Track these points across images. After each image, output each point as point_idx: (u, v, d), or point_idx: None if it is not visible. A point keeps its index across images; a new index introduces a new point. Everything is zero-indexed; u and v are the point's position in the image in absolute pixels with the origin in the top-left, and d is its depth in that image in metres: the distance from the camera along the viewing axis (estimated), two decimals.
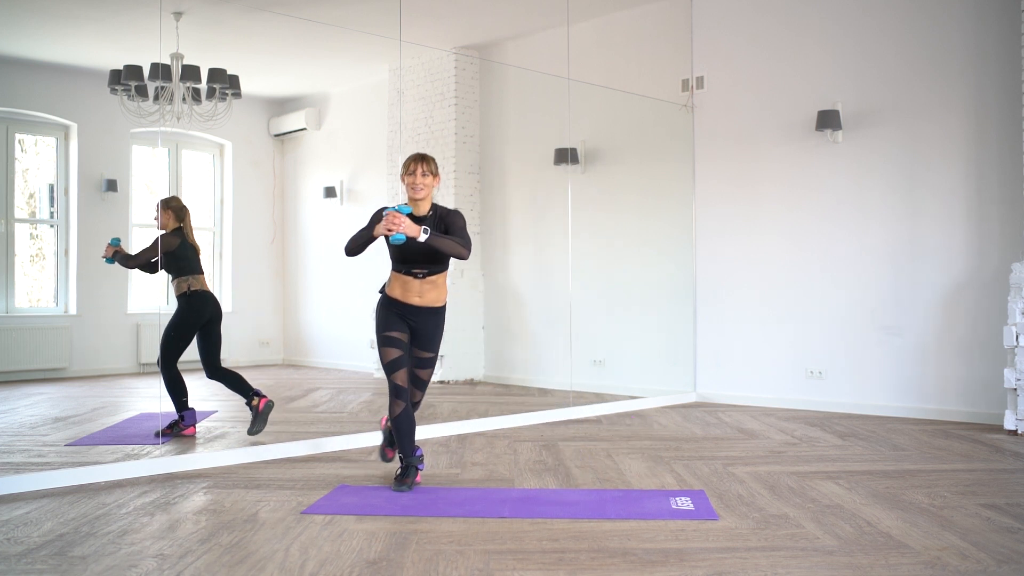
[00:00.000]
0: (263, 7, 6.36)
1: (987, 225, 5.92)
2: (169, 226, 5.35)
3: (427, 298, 4.09)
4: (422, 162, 4.06)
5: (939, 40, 6.14)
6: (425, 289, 4.08)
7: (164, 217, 5.34)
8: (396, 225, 3.81)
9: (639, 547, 3.08)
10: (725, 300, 7.17)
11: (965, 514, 3.50)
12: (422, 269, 4.05)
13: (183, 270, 5.34)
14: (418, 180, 4.03)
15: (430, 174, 4.06)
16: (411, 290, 4.07)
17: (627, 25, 7.75)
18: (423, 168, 4.04)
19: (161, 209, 5.35)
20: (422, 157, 4.09)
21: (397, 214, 3.83)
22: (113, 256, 5.29)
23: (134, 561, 2.94)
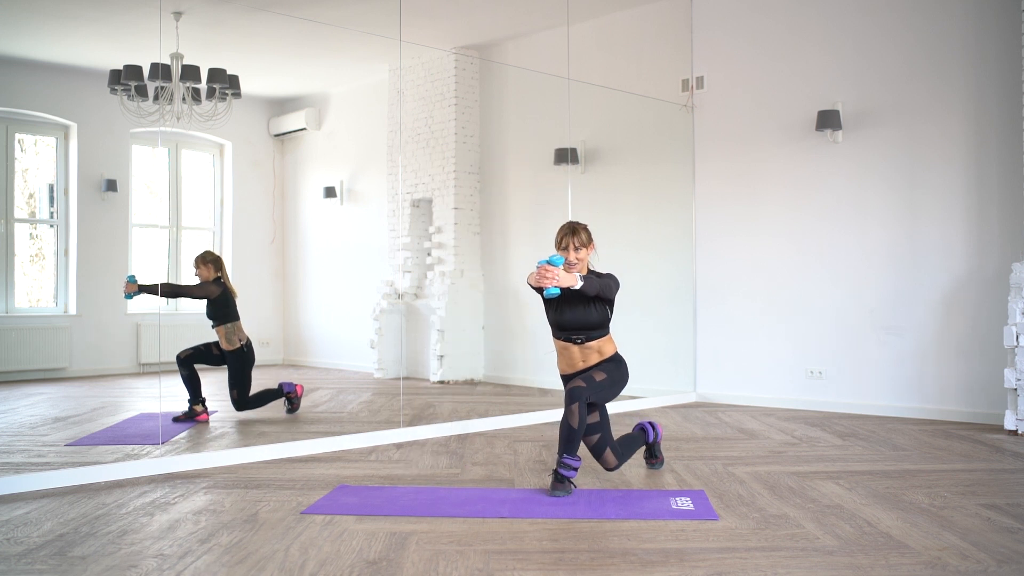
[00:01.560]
0: (263, 7, 6.35)
1: (987, 225, 5.92)
2: (210, 278, 5.92)
3: (590, 360, 4.10)
4: (573, 236, 3.99)
5: (939, 40, 6.14)
6: (587, 355, 4.09)
7: (204, 271, 5.92)
8: (548, 280, 3.71)
9: (639, 547, 3.08)
10: (725, 300, 7.17)
11: (965, 514, 3.50)
12: (580, 335, 4.04)
13: (229, 316, 5.92)
14: (571, 256, 3.98)
15: (583, 247, 4.00)
16: (575, 357, 4.10)
17: (627, 25, 7.75)
18: (575, 242, 3.99)
19: (200, 264, 5.92)
20: (572, 230, 4.00)
21: (549, 267, 3.71)
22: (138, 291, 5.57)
23: (134, 561, 2.94)
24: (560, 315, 4.04)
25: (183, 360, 5.83)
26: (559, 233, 4.04)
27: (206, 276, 5.91)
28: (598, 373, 4.02)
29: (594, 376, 3.99)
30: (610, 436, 4.12)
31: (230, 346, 5.92)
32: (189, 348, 5.88)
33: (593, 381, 3.96)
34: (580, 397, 3.89)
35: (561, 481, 3.88)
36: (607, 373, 4.04)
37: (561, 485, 3.87)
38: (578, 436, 3.90)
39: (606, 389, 4.02)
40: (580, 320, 4.02)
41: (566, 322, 4.04)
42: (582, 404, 3.89)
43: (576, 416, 3.88)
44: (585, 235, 4.02)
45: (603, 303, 4.06)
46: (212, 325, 5.93)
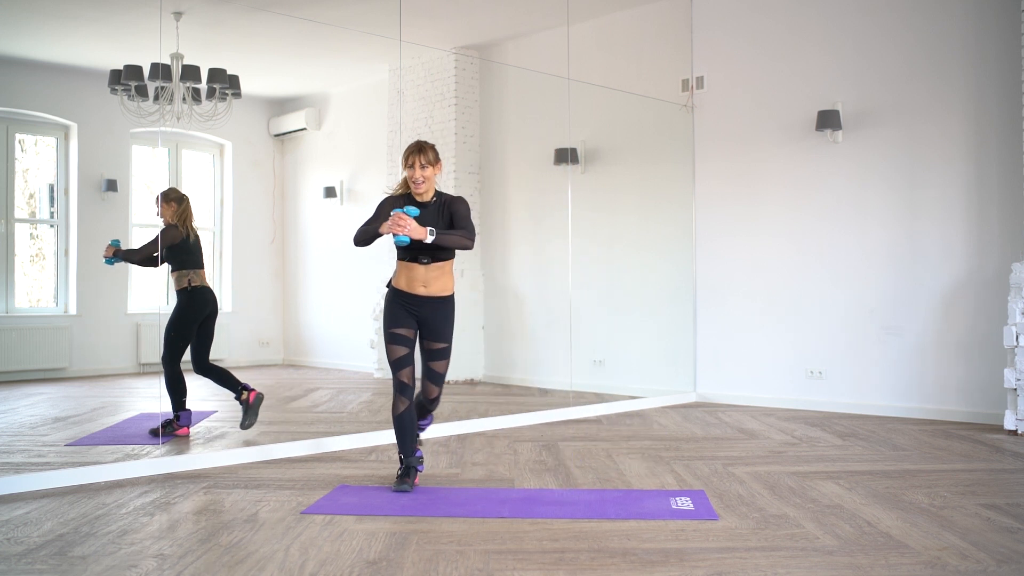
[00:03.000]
0: (263, 7, 6.36)
1: (987, 225, 5.92)
2: (170, 218, 5.32)
3: (433, 287, 4.04)
4: (420, 154, 3.98)
5: (939, 40, 6.14)
6: (431, 277, 4.03)
7: (165, 209, 5.31)
8: (401, 227, 3.80)
9: (639, 547, 3.08)
10: (725, 300, 7.17)
11: (965, 514, 3.50)
12: (427, 256, 4.01)
13: (185, 263, 5.31)
14: (417, 173, 3.98)
15: (429, 165, 3.99)
16: (416, 278, 4.03)
17: (627, 25, 7.75)
18: (422, 160, 3.97)
19: (161, 202, 5.31)
20: (419, 148, 4.00)
21: (403, 216, 3.82)
22: (114, 256, 5.26)
23: (134, 561, 2.94)
24: None
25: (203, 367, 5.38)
26: (406, 151, 4.02)
27: (166, 216, 5.31)
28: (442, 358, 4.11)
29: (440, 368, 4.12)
30: None
31: (177, 287, 5.31)
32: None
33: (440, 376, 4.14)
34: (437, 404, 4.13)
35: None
36: (449, 343, 4.12)
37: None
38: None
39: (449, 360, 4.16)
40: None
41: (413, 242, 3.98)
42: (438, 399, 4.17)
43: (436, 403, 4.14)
44: (432, 154, 4.01)
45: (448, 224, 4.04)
46: (170, 271, 5.36)
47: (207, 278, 5.46)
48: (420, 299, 4.05)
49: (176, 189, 5.47)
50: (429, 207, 4.03)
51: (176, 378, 5.30)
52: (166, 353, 5.27)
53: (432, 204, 4.05)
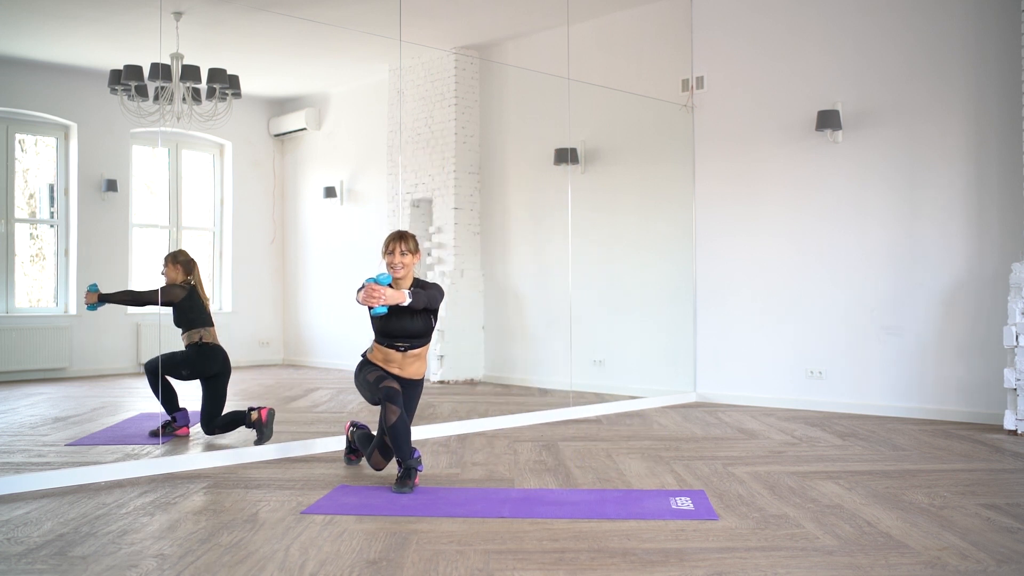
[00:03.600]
0: (263, 7, 6.36)
1: (987, 225, 5.92)
2: (177, 280, 5.18)
3: (408, 371, 4.29)
4: (400, 241, 4.17)
5: (939, 40, 6.14)
6: (407, 362, 4.27)
7: (171, 271, 5.18)
8: (375, 299, 3.89)
9: (639, 547, 3.08)
10: (725, 300, 7.17)
11: (965, 514, 3.50)
12: (404, 343, 4.21)
13: (194, 323, 5.14)
14: (396, 259, 4.17)
15: (409, 253, 4.18)
16: (393, 361, 4.25)
17: (627, 25, 7.75)
18: (402, 247, 4.16)
19: (168, 263, 5.19)
20: (400, 236, 4.21)
21: (376, 286, 3.89)
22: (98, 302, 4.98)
23: (134, 561, 2.94)
24: (385, 323, 4.20)
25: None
26: (387, 240, 4.22)
27: (173, 278, 5.19)
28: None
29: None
30: None
31: (188, 341, 5.14)
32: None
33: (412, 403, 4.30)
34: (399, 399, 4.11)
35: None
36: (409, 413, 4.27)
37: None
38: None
39: None
40: (406, 329, 4.18)
41: (391, 330, 4.20)
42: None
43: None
44: (413, 243, 4.22)
45: (427, 313, 4.22)
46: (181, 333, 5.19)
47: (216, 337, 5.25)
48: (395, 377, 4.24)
49: (185, 252, 5.29)
50: None
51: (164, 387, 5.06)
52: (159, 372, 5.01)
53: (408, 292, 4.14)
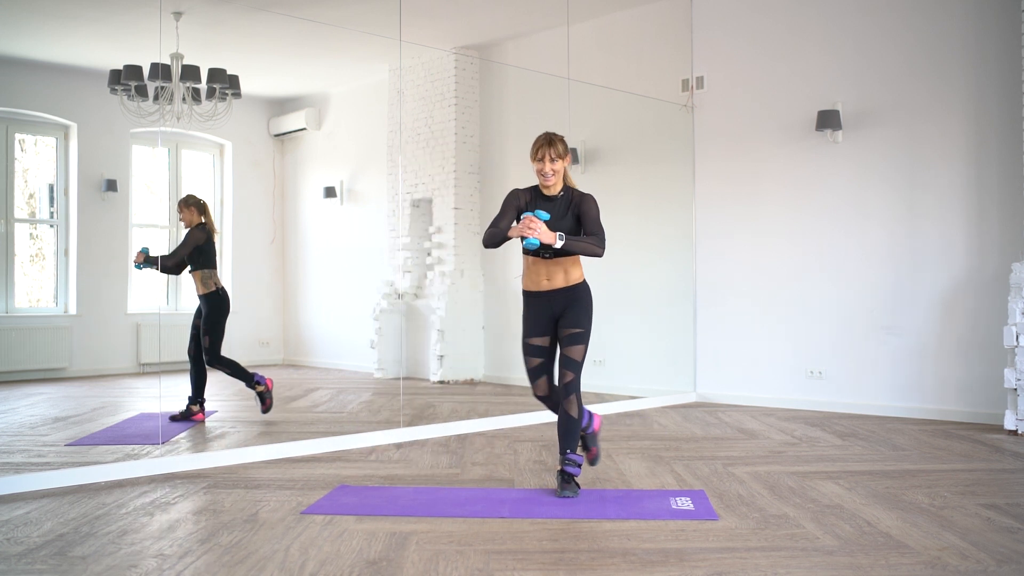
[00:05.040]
0: (263, 7, 6.35)
1: (987, 225, 5.92)
2: (194, 221, 5.76)
3: (555, 280, 3.96)
4: (550, 147, 3.91)
5: (939, 40, 6.14)
6: (552, 271, 3.96)
7: (188, 214, 5.75)
8: (532, 231, 3.74)
9: (639, 547, 3.08)
10: (725, 300, 7.17)
11: (965, 514, 3.50)
12: (547, 251, 3.94)
13: (207, 263, 5.77)
14: (547, 167, 3.90)
15: (559, 158, 3.91)
16: (539, 273, 3.98)
17: (627, 25, 7.75)
18: (552, 153, 3.90)
19: (183, 207, 5.76)
20: (549, 140, 3.92)
21: (534, 219, 3.75)
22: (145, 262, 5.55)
23: (134, 561, 2.94)
24: None
25: (195, 357, 5.80)
26: (535, 143, 3.95)
27: (189, 220, 5.77)
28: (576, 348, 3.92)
29: (574, 356, 3.92)
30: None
31: (204, 289, 5.78)
32: (190, 342, 5.85)
33: (575, 362, 3.92)
34: (576, 389, 3.89)
35: (568, 480, 3.86)
36: (582, 328, 3.95)
37: (569, 485, 3.84)
38: (579, 427, 3.89)
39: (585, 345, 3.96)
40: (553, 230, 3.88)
41: None
42: (578, 394, 3.90)
43: (575, 406, 3.89)
44: (562, 146, 3.94)
45: (578, 224, 3.98)
46: (190, 269, 5.81)
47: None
48: (546, 294, 3.99)
49: (193, 195, 5.85)
50: (556, 201, 3.96)
51: (229, 363, 5.78)
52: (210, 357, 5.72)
53: (559, 199, 3.97)
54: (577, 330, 3.94)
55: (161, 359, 5.85)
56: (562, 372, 3.95)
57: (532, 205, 3.98)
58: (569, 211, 3.95)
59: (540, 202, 3.98)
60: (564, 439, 3.89)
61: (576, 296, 3.98)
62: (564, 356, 3.96)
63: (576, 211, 3.95)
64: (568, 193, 3.99)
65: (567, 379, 3.91)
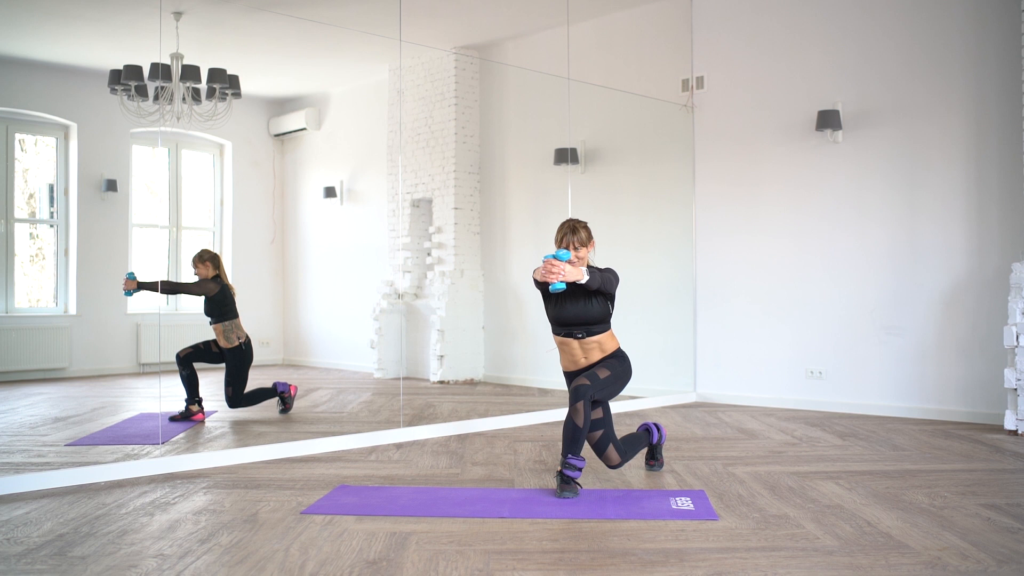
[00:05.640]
0: (263, 7, 6.35)
1: (987, 225, 5.92)
2: (209, 275, 5.95)
3: (592, 356, 4.07)
4: (573, 236, 3.97)
5: (939, 40, 6.14)
6: (588, 351, 4.06)
7: (203, 269, 5.94)
8: (555, 274, 3.73)
9: (639, 547, 3.08)
10: (725, 300, 7.17)
11: (965, 514, 3.50)
12: (580, 330, 4.02)
13: (226, 314, 5.92)
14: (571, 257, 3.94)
15: (582, 246, 3.97)
16: (576, 353, 4.07)
17: (627, 25, 7.75)
18: (575, 241, 3.96)
19: (198, 263, 5.93)
20: (572, 229, 3.98)
21: (556, 261, 3.74)
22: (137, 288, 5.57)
23: (134, 561, 2.94)
24: (560, 310, 4.02)
25: (182, 359, 5.83)
26: (559, 232, 4.02)
27: (204, 274, 5.93)
28: (602, 370, 4.01)
29: (598, 373, 3.98)
30: (613, 433, 4.11)
31: (228, 344, 5.92)
32: (188, 347, 5.88)
33: (597, 378, 3.95)
34: (585, 395, 3.88)
35: (567, 482, 3.86)
36: (611, 370, 4.02)
37: (568, 486, 3.85)
38: (582, 435, 3.89)
39: (610, 386, 4.01)
40: (580, 315, 3.99)
41: (566, 317, 4.02)
42: (587, 402, 3.88)
43: (581, 414, 3.88)
44: (585, 233, 4.00)
45: (603, 297, 4.03)
46: (210, 322, 5.93)
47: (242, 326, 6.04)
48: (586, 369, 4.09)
49: (208, 250, 6.05)
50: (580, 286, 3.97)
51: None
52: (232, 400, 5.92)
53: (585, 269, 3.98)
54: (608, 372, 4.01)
55: (161, 359, 5.86)
56: (579, 378, 3.97)
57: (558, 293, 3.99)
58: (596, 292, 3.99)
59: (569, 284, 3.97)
60: (568, 444, 3.90)
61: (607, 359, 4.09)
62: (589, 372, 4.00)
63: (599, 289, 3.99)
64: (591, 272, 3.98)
65: (580, 381, 3.93)
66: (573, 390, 3.91)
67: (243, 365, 5.95)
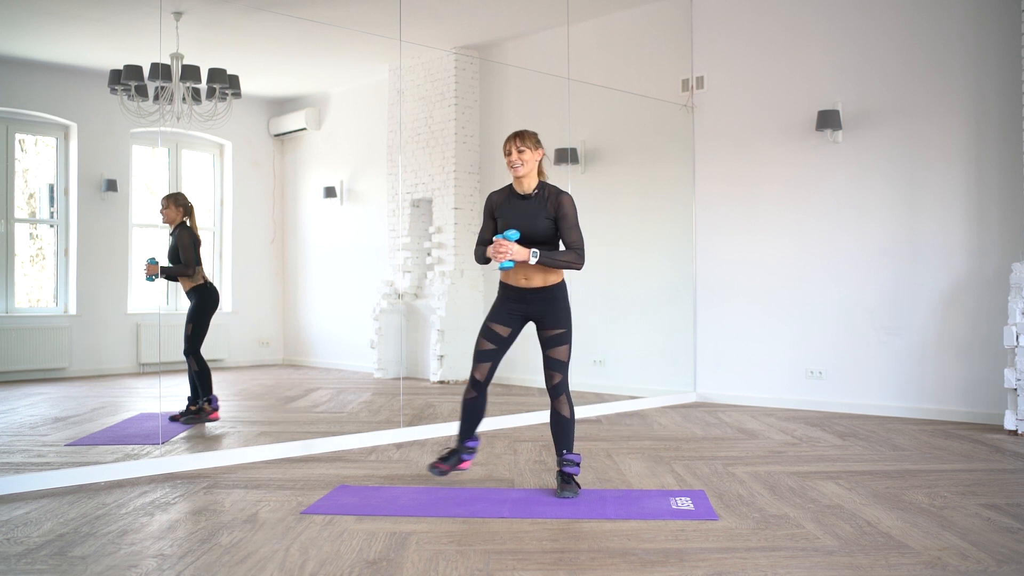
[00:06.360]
0: (263, 7, 6.35)
1: (987, 225, 5.92)
2: (176, 221, 5.64)
3: (534, 280, 3.94)
4: (516, 139, 3.90)
5: (939, 40, 6.14)
6: (531, 271, 3.92)
7: (172, 212, 5.62)
8: (503, 254, 3.79)
9: (639, 547, 3.08)
10: (725, 300, 7.17)
11: (965, 514, 3.50)
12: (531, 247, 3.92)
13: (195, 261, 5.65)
14: (514, 158, 3.88)
15: (527, 149, 3.88)
16: (518, 272, 3.95)
17: (627, 25, 7.75)
18: (518, 145, 3.88)
19: (170, 204, 5.62)
20: (516, 134, 3.91)
21: (504, 241, 3.80)
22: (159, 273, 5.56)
23: (134, 561, 2.94)
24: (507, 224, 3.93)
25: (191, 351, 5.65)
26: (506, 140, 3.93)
27: (171, 218, 5.63)
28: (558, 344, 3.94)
29: (558, 355, 3.95)
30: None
31: (192, 283, 5.67)
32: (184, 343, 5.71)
33: (562, 363, 3.96)
34: (565, 389, 3.93)
35: (568, 481, 3.86)
36: (564, 328, 3.96)
37: (568, 485, 3.85)
38: (572, 426, 3.92)
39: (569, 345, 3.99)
40: (527, 233, 3.89)
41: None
42: (568, 394, 3.94)
43: (566, 406, 3.92)
44: (531, 140, 3.91)
45: (555, 226, 3.93)
46: None
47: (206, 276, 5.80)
48: (523, 292, 3.97)
49: (184, 195, 5.75)
50: (531, 200, 3.92)
51: (202, 366, 5.65)
52: (189, 346, 5.62)
53: (534, 197, 3.92)
54: (560, 331, 3.96)
55: (161, 359, 5.85)
56: (550, 374, 3.98)
57: (505, 207, 3.96)
58: (544, 211, 3.90)
59: (514, 201, 3.95)
60: (560, 440, 3.92)
61: (554, 297, 3.97)
62: (550, 358, 3.98)
63: (552, 214, 3.90)
64: (543, 191, 3.94)
65: (556, 380, 3.95)
66: (553, 387, 3.94)
67: (204, 304, 5.69)
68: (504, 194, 4.00)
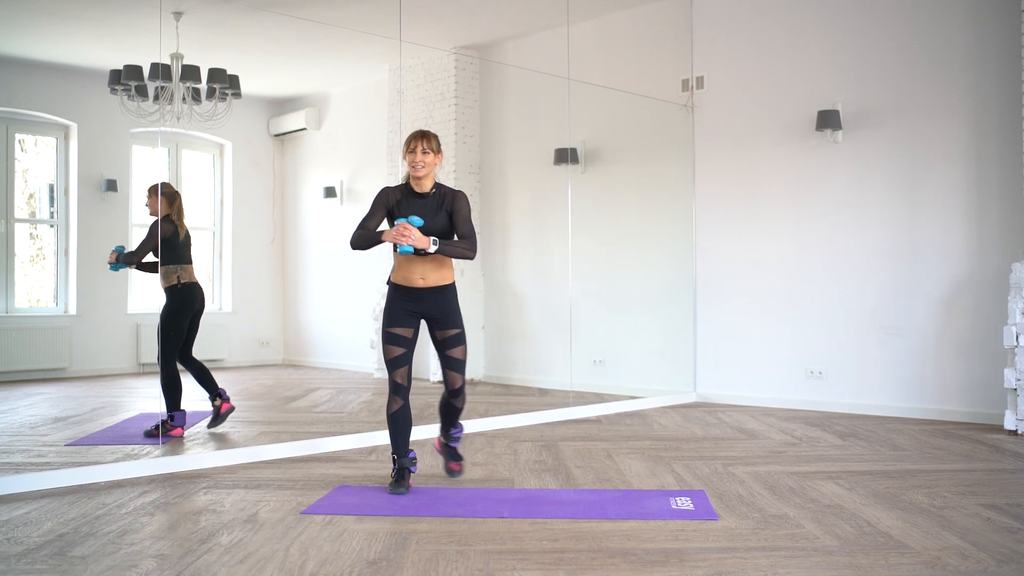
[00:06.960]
0: (263, 7, 6.35)
1: (987, 225, 5.92)
2: (159, 212, 5.30)
3: (430, 278, 4.01)
4: (423, 139, 3.96)
5: (939, 40, 6.14)
6: (427, 269, 4.00)
7: (154, 203, 5.32)
8: (405, 237, 3.82)
9: (639, 547, 3.08)
10: (725, 300, 7.17)
11: (965, 514, 3.50)
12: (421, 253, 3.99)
13: (173, 259, 5.31)
14: (418, 158, 3.95)
15: (431, 152, 3.96)
16: (414, 271, 4.00)
17: (627, 25, 7.75)
18: (423, 145, 3.95)
19: (152, 194, 5.34)
20: (423, 134, 3.99)
21: (408, 225, 3.84)
22: (117, 260, 5.31)
23: (134, 561, 2.94)
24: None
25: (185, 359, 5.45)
26: (408, 137, 4.00)
27: (154, 209, 5.30)
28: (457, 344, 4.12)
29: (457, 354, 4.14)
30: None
31: (166, 283, 5.32)
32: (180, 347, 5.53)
33: (461, 362, 4.15)
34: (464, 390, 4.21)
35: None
36: (460, 328, 4.14)
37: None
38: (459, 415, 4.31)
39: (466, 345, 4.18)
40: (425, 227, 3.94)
41: None
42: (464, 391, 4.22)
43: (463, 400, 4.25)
44: (435, 142, 4.00)
45: (451, 222, 4.02)
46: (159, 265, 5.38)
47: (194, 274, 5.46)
48: (419, 292, 4.03)
49: (170, 184, 5.53)
50: (428, 199, 4.00)
51: (171, 377, 5.30)
52: (160, 352, 5.28)
53: (431, 196, 4.01)
54: (457, 330, 4.13)
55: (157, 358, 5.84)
56: (451, 376, 4.17)
57: (403, 203, 4.01)
58: (442, 209, 4.00)
59: (411, 199, 4.00)
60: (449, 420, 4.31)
61: (447, 296, 4.10)
62: (449, 358, 4.14)
63: (448, 209, 4.00)
64: (439, 191, 4.04)
65: (457, 384, 4.20)
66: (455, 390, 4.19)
67: (174, 306, 5.29)
68: (401, 191, 4.04)
